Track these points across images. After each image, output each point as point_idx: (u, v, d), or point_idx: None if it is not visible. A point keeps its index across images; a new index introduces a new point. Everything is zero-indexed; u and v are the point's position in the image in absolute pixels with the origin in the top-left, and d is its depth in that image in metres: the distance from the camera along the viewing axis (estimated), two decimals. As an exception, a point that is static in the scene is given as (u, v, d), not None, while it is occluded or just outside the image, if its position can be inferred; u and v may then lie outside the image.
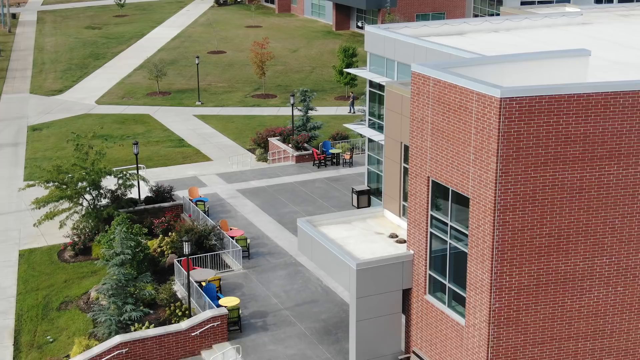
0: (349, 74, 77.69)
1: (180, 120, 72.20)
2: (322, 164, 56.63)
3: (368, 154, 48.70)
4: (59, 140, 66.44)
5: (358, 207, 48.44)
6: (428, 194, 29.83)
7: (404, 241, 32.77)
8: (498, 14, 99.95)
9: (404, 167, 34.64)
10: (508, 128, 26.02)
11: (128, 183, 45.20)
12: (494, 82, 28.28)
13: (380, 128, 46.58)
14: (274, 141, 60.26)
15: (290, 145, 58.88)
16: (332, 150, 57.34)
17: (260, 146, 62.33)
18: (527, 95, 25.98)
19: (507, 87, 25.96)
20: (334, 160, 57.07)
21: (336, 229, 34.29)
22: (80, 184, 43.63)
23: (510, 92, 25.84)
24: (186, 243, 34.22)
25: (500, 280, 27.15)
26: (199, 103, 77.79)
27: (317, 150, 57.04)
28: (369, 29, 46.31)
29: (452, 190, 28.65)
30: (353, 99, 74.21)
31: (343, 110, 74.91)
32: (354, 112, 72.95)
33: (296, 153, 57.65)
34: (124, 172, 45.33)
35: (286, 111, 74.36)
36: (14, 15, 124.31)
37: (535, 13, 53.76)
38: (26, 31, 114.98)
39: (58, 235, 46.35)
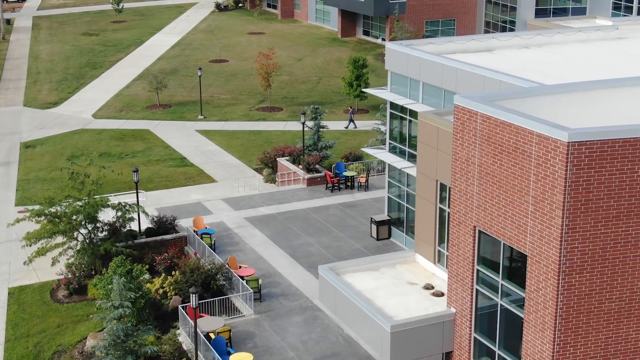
0: (358, 86, 73.76)
1: (181, 136, 68.23)
2: (336, 187, 52.68)
3: (388, 181, 44.79)
4: (53, 159, 62.47)
5: (378, 239, 44.54)
6: (474, 246, 25.89)
7: (442, 294, 28.86)
8: (512, 21, 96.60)
9: (439, 207, 30.69)
10: (576, 177, 22.12)
11: (127, 216, 41.22)
12: (549, 117, 24.47)
13: (402, 153, 42.69)
14: (283, 162, 56.32)
15: (300, 166, 54.94)
16: (346, 173, 53.39)
17: (268, 166, 58.42)
18: (598, 139, 22.07)
19: (576, 130, 22.06)
20: (348, 184, 53.12)
21: (362, 278, 30.39)
22: (74, 217, 39.62)
23: (579, 136, 21.94)
24: (193, 295, 30.25)
25: (563, 353, 23.24)
26: (202, 117, 73.85)
27: (330, 173, 53.09)
28: (390, 46, 42.43)
29: (504, 244, 24.72)
30: (352, 113, 70.12)
31: (358, 123, 70.98)
32: (355, 127, 68.93)
33: (307, 175, 53.70)
34: (123, 204, 41.33)
35: (293, 126, 70.44)
36: (8, 21, 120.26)
37: (567, 27, 49.88)
38: (21, 38, 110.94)
39: (51, 270, 42.35)
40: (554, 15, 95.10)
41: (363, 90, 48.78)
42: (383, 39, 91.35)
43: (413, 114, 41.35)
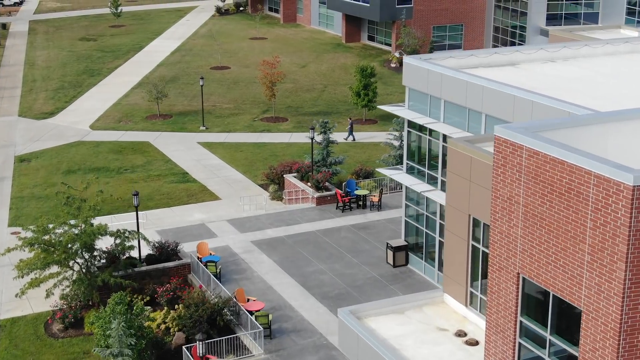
0: (366, 95, 70.93)
1: (183, 149, 65.37)
2: (347, 207, 49.87)
3: (405, 203, 41.99)
4: (49, 174, 59.62)
5: (394, 266, 41.75)
6: (517, 295, 23.08)
7: (477, 342, 26.05)
8: (522, 27, 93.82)
9: (472, 244, 27.86)
10: (643, 225, 19.30)
11: (127, 244, 38.37)
12: (599, 150, 21.71)
13: (420, 174, 39.90)
14: (291, 179, 53.50)
15: (309, 184, 52.13)
16: (357, 192, 50.56)
17: (274, 182, 55.63)
18: (669, 183, 19.24)
19: (644, 172, 19.24)
20: (360, 203, 50.30)
21: (387, 323, 27.56)
22: (70, 245, 36.75)
23: (647, 179, 19.12)
24: (200, 342, 27.40)
25: (624, 423, 20.40)
26: (204, 128, 71.00)
27: (340, 192, 50.27)
28: (409, 60, 39.65)
29: (553, 295, 21.92)
30: (351, 124, 67.21)
31: (363, 137, 68.09)
32: (354, 139, 66.01)
33: (317, 194, 50.88)
34: (122, 231, 38.47)
35: (299, 138, 67.64)
36: (4, 26, 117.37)
37: (592, 38, 47.08)
38: (17, 43, 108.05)
39: (46, 299, 39.45)
40: (565, 20, 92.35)
41: (379, 107, 45.81)
42: (400, 53, 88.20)
43: (434, 133, 38.57)
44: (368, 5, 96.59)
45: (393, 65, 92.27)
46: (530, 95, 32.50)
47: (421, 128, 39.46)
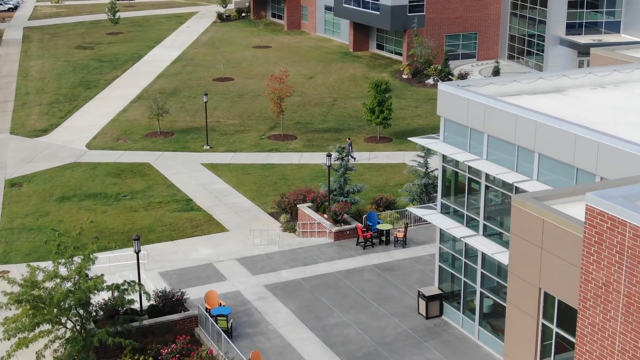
0: (381, 112, 66.35)
1: (186, 172, 60.82)
2: (369, 243, 45.34)
3: (439, 247, 37.50)
4: (41, 202, 55.09)
5: (427, 317, 37.25)
6: (615, 405, 18.53)
7: None
8: (541, 36, 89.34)
9: (543, 324, 23.31)
10: None
11: (127, 297, 33.83)
12: None
13: (458, 214, 35.38)
14: (305, 209, 48.95)
15: (326, 216, 47.58)
16: (379, 226, 46.02)
17: (286, 211, 51.15)
18: None
19: None
20: (383, 239, 45.75)
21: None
22: (62, 302, 32.18)
23: None
24: None
25: None
26: (208, 147, 66.46)
27: (361, 226, 45.71)
28: (445, 88, 35.17)
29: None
30: (350, 145, 62.48)
31: (379, 157, 63.58)
32: (354, 160, 61.44)
33: (335, 228, 46.32)
34: (121, 284, 33.88)
35: (309, 158, 63.21)
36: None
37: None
38: (10, 52, 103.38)
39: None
40: (586, 29, 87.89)
41: (409, 139, 41.25)
42: (435, 80, 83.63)
43: (474, 171, 34.06)
44: (378, 13, 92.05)
45: (405, 76, 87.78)
46: (596, 135, 28.00)
47: (457, 164, 34.99)
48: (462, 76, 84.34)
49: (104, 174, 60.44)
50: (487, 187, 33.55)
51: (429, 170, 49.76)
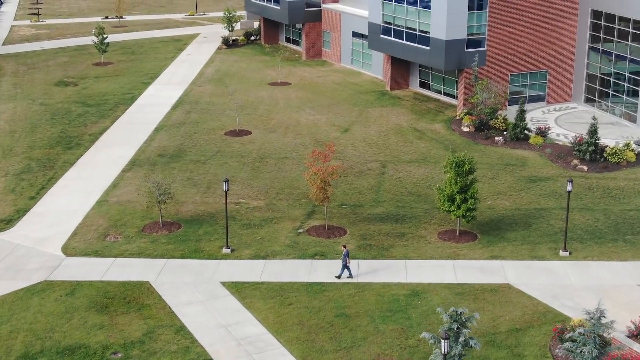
0: (464, 201, 48.77)
1: (202, 300, 43.26)
2: None
3: None
4: (-8, 365, 37.46)
5: None
6: None
7: None
8: (625, 75, 72.18)
9: None
10: None
11: None
12: None
13: None
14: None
15: None
16: None
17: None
18: None
19: None
20: None
21: None
22: None
23: None
24: None
25: None
26: (228, 250, 48.89)
27: None
28: None
29: None
30: (346, 255, 45.11)
31: (469, 269, 45.94)
32: (350, 276, 44.93)
33: None
34: None
35: (371, 272, 45.59)
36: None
37: None
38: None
39: None
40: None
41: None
42: (507, 138, 66.47)
43: None
44: (428, 49, 74.38)
45: (466, 129, 70.25)
46: None
47: None
48: (542, 132, 66.83)
49: (86, 306, 42.68)
50: None
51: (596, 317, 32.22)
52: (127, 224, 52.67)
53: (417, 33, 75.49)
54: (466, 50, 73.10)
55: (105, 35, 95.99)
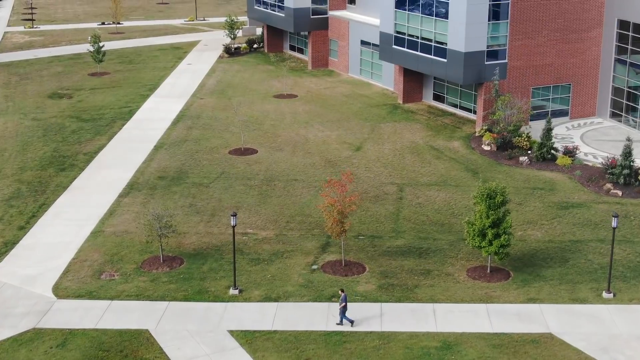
0: (497, 236, 44.21)
1: (207, 351, 38.76)
2: None
3: None
4: None
5: None
6: None
7: None
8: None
9: None
10: None
11: None
12: None
13: None
14: None
15: None
16: None
17: None
18: None
19: None
20: None
21: None
22: None
23: None
24: None
25: None
26: (236, 292, 44.28)
27: None
28: None
29: None
30: (344, 300, 40.52)
31: (504, 314, 41.34)
32: (350, 322, 40.46)
33: None
34: None
35: (395, 320, 40.98)
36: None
37: None
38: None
39: None
40: None
41: None
42: (532, 158, 61.76)
43: None
44: (445, 61, 69.78)
45: (487, 147, 65.66)
46: None
47: None
48: (570, 152, 62.26)
49: (79, 358, 38.03)
50: None
51: None
52: (125, 259, 48.07)
53: (433, 44, 70.93)
54: (486, 63, 68.52)
55: (101, 44, 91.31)
